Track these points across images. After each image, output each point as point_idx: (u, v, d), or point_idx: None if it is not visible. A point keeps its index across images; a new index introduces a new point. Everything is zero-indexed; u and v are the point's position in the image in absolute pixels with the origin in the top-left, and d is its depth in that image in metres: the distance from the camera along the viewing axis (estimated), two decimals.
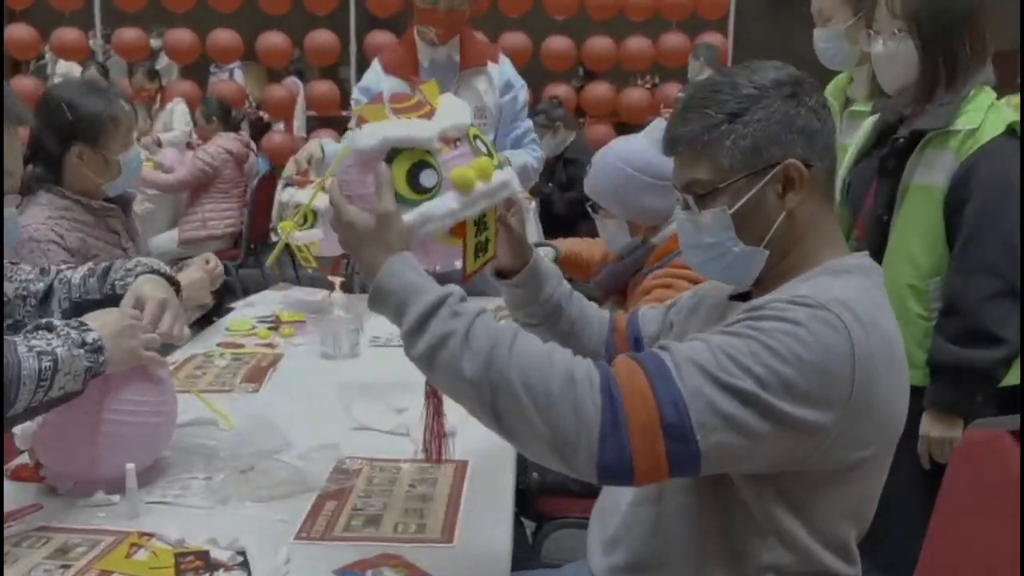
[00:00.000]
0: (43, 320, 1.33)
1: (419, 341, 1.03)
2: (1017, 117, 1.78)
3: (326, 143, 2.56)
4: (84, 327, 1.30)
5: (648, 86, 7.55)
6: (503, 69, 2.66)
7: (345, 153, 1.19)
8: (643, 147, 2.02)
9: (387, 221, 1.11)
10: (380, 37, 6.10)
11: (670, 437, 0.96)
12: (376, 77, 2.68)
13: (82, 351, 1.27)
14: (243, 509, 1.34)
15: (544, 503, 2.02)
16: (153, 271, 1.49)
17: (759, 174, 1.10)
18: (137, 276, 1.49)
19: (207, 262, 2.02)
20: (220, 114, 5.28)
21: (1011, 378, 1.82)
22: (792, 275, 1.14)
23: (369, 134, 1.13)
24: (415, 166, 1.13)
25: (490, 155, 1.20)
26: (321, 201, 2.36)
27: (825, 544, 1.11)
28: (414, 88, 1.22)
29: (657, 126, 2.09)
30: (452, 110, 1.17)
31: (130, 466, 1.30)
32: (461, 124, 1.16)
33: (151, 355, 1.39)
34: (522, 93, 2.70)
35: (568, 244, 2.42)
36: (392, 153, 1.13)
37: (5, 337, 1.21)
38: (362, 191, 1.14)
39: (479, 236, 1.18)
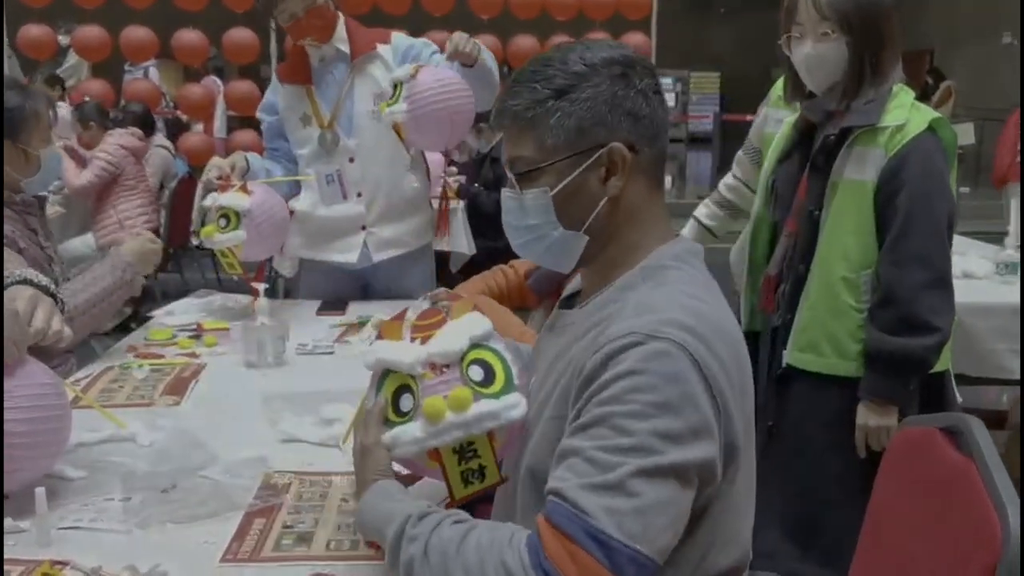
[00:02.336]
0: None
1: (398, 570, 1.03)
2: (934, 115, 1.84)
3: (251, 156, 2.53)
4: None
5: None
6: (396, 44, 2.60)
7: None
8: None
9: (366, 453, 1.13)
10: None
11: (615, 566, 0.92)
12: (274, 89, 2.67)
13: None
14: (164, 532, 1.26)
15: (481, 511, 1.99)
16: (25, 280, 1.43)
17: (582, 155, 1.08)
18: (8, 287, 1.42)
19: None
20: (97, 117, 5.13)
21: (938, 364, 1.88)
22: (613, 272, 1.12)
23: (370, 352, 1.16)
24: (398, 389, 1.13)
25: (488, 382, 1.13)
26: (243, 201, 2.30)
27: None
28: (446, 300, 1.21)
29: None
30: (448, 336, 1.13)
31: (39, 489, 1.22)
32: (449, 352, 1.12)
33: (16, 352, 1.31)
34: (427, 50, 2.57)
35: (474, 285, 2.32)
36: (386, 373, 1.14)
37: None
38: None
39: (465, 464, 1.13)
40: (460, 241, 4.91)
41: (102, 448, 1.52)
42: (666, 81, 9.19)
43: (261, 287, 2.07)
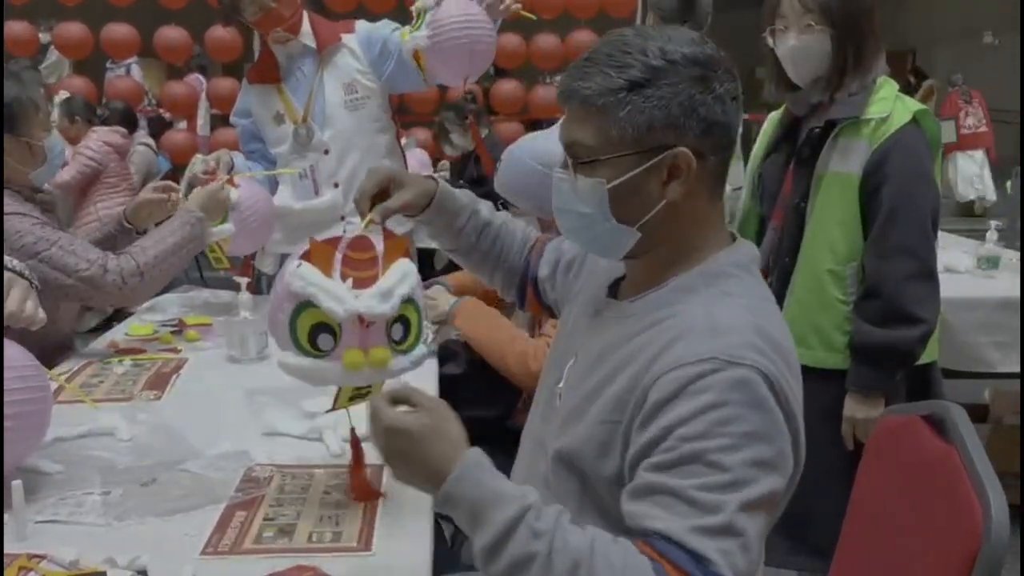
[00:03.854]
0: None
1: (498, 560, 0.93)
2: (918, 107, 1.84)
3: (236, 155, 2.52)
4: None
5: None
6: (360, 33, 2.60)
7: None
8: (552, 143, 2.00)
9: (445, 411, 1.01)
10: None
11: None
12: (245, 93, 2.67)
13: None
14: (144, 524, 1.25)
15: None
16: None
17: (645, 155, 1.04)
18: None
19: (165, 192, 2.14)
20: (84, 113, 5.07)
21: (924, 356, 1.89)
22: (668, 270, 1.10)
23: (299, 276, 1.14)
24: (318, 325, 1.15)
25: (404, 339, 1.19)
26: (231, 194, 2.29)
27: None
28: (385, 239, 1.20)
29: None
30: (381, 294, 1.14)
31: (16, 482, 1.20)
32: (378, 313, 1.14)
33: None
34: (387, 28, 2.60)
35: (460, 277, 2.37)
36: (307, 303, 1.15)
37: None
38: (277, 317, 1.18)
39: (358, 397, 1.24)
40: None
41: (81, 443, 1.50)
42: None
43: (243, 281, 2.06)
